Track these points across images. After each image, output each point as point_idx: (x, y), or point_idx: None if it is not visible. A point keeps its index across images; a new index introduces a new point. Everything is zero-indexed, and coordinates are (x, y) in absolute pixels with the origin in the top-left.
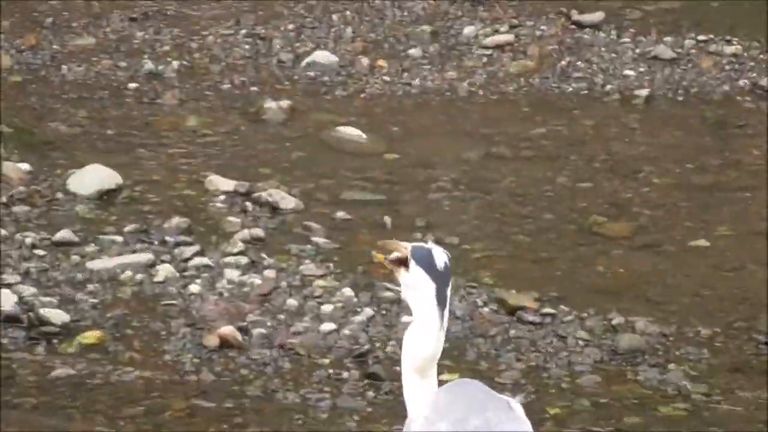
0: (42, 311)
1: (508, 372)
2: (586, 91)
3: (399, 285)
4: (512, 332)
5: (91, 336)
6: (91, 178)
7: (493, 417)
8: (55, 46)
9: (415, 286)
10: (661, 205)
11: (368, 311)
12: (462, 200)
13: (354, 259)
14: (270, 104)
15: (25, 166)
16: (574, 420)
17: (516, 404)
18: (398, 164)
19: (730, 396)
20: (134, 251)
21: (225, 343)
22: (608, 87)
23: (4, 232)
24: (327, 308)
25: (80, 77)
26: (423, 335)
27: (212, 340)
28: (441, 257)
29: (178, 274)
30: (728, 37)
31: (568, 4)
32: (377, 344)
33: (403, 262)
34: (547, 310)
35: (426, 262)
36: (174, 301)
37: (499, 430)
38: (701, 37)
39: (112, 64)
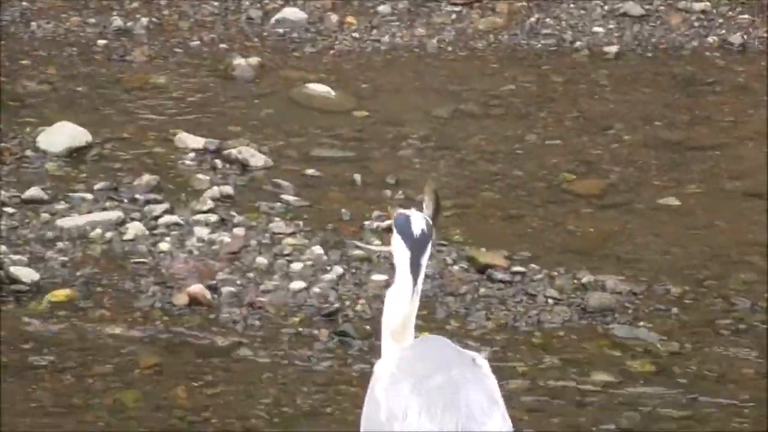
0: (12, 269)
1: (478, 330)
2: (555, 48)
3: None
4: (482, 290)
5: (60, 294)
6: (61, 136)
7: (457, 374)
8: (24, 3)
9: (395, 252)
10: (631, 163)
11: (338, 269)
12: (431, 158)
13: (324, 216)
14: (239, 61)
15: None
16: (543, 377)
17: (482, 360)
18: (367, 121)
19: (699, 353)
20: (104, 209)
21: (194, 301)
22: (577, 43)
23: None
24: (296, 266)
25: (49, 34)
26: (397, 300)
27: (182, 299)
28: (419, 225)
29: (147, 232)
30: None
31: None
32: (347, 302)
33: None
34: (517, 268)
35: (403, 229)
36: (144, 259)
37: (463, 388)
38: None
39: (81, 21)
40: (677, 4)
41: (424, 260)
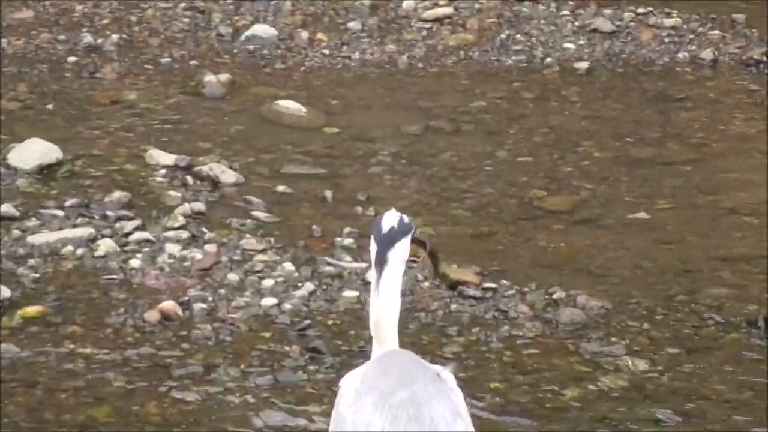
0: None
1: (449, 347)
2: (525, 64)
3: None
4: (453, 306)
5: (32, 311)
6: (32, 153)
7: (421, 389)
8: None
9: (370, 251)
10: (602, 179)
11: (309, 286)
12: (402, 174)
13: (295, 233)
14: (209, 78)
15: None
16: (515, 393)
17: (447, 374)
18: (338, 138)
19: (671, 370)
20: (75, 225)
21: (166, 318)
22: (548, 60)
23: None
24: (268, 283)
25: (20, 51)
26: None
27: (153, 315)
28: (390, 221)
29: (119, 249)
30: (667, 10)
31: None
32: (318, 318)
33: None
34: (489, 284)
35: (375, 228)
36: (115, 276)
37: (427, 402)
38: (640, 10)
39: (52, 38)
40: (648, 20)
41: (393, 255)
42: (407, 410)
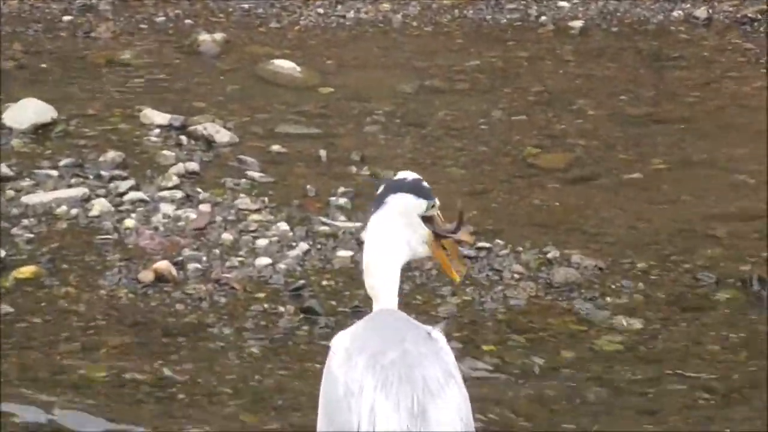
0: None
1: (444, 306)
2: (520, 23)
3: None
4: None
5: (26, 271)
6: (27, 112)
7: (411, 348)
8: None
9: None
10: (596, 138)
11: (303, 245)
12: (397, 133)
13: (289, 193)
14: (204, 37)
15: None
16: (509, 355)
17: (437, 333)
18: (333, 97)
19: (665, 330)
20: (69, 185)
21: (160, 278)
22: (542, 18)
23: None
24: (262, 242)
25: (15, 11)
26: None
27: (147, 275)
28: (404, 175)
29: (113, 209)
30: None
31: None
32: (313, 278)
33: None
34: (483, 243)
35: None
36: (109, 236)
37: (418, 363)
38: None
39: None
40: None
41: (392, 199)
42: (398, 370)
